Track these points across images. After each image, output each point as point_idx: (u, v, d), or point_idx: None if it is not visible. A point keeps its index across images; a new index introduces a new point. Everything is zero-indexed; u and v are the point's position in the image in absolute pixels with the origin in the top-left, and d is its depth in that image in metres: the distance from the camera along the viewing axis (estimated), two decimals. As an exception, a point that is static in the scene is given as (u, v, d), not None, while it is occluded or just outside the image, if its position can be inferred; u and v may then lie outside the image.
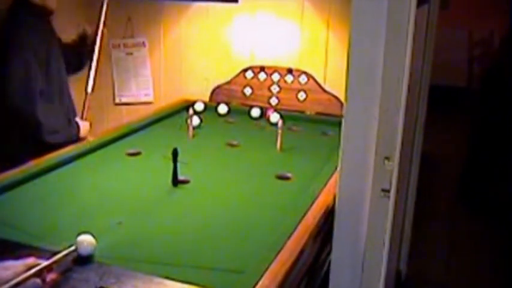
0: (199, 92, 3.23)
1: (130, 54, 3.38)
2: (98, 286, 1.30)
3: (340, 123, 1.70)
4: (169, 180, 1.99)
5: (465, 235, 3.72)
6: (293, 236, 1.59)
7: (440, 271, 3.23)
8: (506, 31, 4.65)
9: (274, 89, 3.11)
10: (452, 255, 3.43)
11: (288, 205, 1.84)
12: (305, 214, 1.75)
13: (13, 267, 1.20)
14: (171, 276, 1.36)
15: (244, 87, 3.17)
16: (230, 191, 2.01)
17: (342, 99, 1.92)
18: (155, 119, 2.85)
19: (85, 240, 1.43)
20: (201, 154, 2.37)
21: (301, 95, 3.05)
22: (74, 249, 1.40)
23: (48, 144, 2.39)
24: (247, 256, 1.50)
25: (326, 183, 2.00)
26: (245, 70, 3.16)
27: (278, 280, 1.36)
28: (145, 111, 3.16)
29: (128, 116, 3.27)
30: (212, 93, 3.24)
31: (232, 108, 3.02)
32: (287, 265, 1.44)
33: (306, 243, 1.60)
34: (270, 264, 1.42)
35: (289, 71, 3.07)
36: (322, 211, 1.79)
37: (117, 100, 3.45)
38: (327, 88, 3.00)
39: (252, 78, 3.15)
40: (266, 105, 3.08)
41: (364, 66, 1.60)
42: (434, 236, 3.65)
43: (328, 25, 2.95)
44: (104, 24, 2.89)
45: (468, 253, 3.46)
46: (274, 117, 2.77)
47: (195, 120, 2.64)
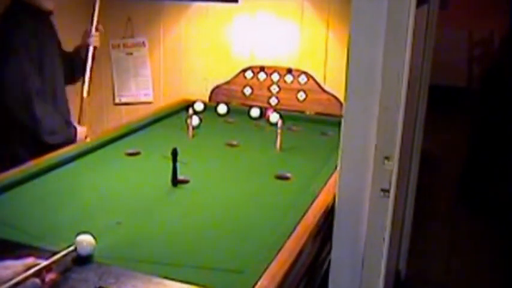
0: (198, 92, 3.23)
1: (130, 54, 3.38)
2: (97, 286, 1.30)
3: (339, 123, 1.70)
4: (168, 180, 1.99)
5: (465, 235, 3.72)
6: (292, 236, 1.59)
7: (440, 271, 3.23)
8: (506, 31, 4.66)
9: (273, 89, 3.11)
10: (452, 255, 3.43)
11: (288, 205, 1.84)
12: (305, 214, 1.74)
13: (13, 266, 1.20)
14: (171, 276, 1.36)
15: (244, 87, 3.17)
16: (230, 191, 2.01)
17: (342, 99, 1.92)
18: (155, 119, 2.85)
19: (84, 240, 1.43)
20: (201, 154, 2.37)
21: (300, 95, 3.05)
22: (73, 249, 1.40)
23: (47, 144, 2.39)
24: (246, 256, 1.50)
25: (326, 183, 2.00)
26: (245, 70, 3.16)
27: (277, 280, 1.36)
28: (145, 111, 3.16)
29: (128, 116, 3.27)
30: (212, 93, 3.24)
31: (231, 108, 3.02)
32: (286, 265, 1.44)
33: (306, 243, 1.60)
34: (270, 264, 1.42)
35: (288, 71, 3.07)
36: (321, 211, 1.79)
37: (116, 100, 3.45)
38: (327, 88, 3.00)
39: (252, 78, 3.15)
40: (266, 105, 3.08)
41: (363, 66, 1.60)
42: (434, 236, 3.65)
43: (328, 25, 2.95)
44: (97, 29, 2.78)
45: (468, 253, 3.46)
46: (273, 117, 2.77)
47: (195, 120, 2.64)
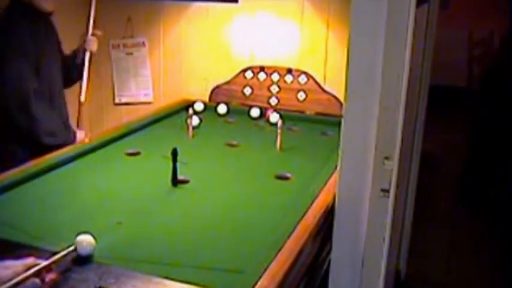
0: (198, 92, 3.23)
1: (130, 54, 3.38)
2: (97, 286, 1.30)
3: (339, 123, 1.70)
4: (168, 180, 1.99)
5: (465, 235, 3.71)
6: (293, 236, 1.59)
7: (440, 271, 3.23)
8: (506, 31, 4.65)
9: (273, 89, 3.11)
10: (452, 255, 3.43)
11: (288, 205, 1.84)
12: (305, 214, 1.74)
13: (13, 266, 1.20)
14: (171, 276, 1.36)
15: (243, 87, 3.17)
16: (229, 191, 2.01)
17: (342, 99, 1.92)
18: (155, 119, 2.85)
19: (84, 240, 1.43)
20: (201, 154, 2.37)
21: (300, 95, 3.05)
22: (73, 249, 1.40)
23: (45, 146, 2.38)
24: (246, 256, 1.50)
25: (326, 183, 2.00)
26: (245, 70, 3.16)
27: (277, 280, 1.36)
28: (144, 111, 3.16)
29: (128, 116, 3.27)
30: (212, 93, 3.24)
31: (231, 108, 3.02)
32: (286, 265, 1.44)
33: (306, 243, 1.60)
34: (270, 264, 1.42)
35: (288, 71, 3.07)
36: (321, 211, 1.79)
37: (116, 100, 3.45)
38: (327, 88, 3.00)
39: (252, 78, 3.15)
40: (266, 105, 3.08)
41: (363, 66, 1.60)
42: (434, 236, 3.65)
43: (327, 25, 2.95)
44: (94, 34, 2.79)
45: (468, 253, 3.46)
46: (273, 117, 2.77)
47: (195, 120, 2.64)
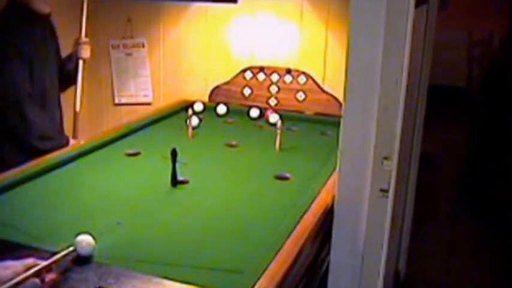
0: (198, 93, 3.23)
1: (129, 54, 3.38)
2: (97, 286, 1.30)
3: (339, 123, 1.70)
4: (168, 180, 1.99)
5: (465, 235, 3.72)
6: (292, 236, 1.59)
7: (440, 271, 3.23)
8: (506, 31, 4.66)
9: (273, 90, 3.11)
10: (452, 255, 3.43)
11: (287, 205, 1.84)
12: (304, 214, 1.75)
13: (12, 267, 1.21)
14: (170, 276, 1.36)
15: (243, 87, 3.17)
16: (229, 191, 2.01)
17: (341, 99, 1.92)
18: (154, 119, 2.85)
19: (84, 240, 1.43)
20: (200, 154, 2.38)
21: (300, 95, 3.05)
22: (73, 249, 1.40)
23: (37, 149, 2.35)
24: (246, 256, 1.50)
25: (325, 183, 2.00)
26: (244, 70, 3.16)
27: (276, 280, 1.36)
28: (144, 111, 3.16)
29: (127, 116, 3.27)
30: (211, 93, 3.24)
31: (231, 108, 3.01)
32: (286, 265, 1.44)
33: (305, 243, 1.60)
34: (269, 264, 1.42)
35: (288, 72, 3.07)
36: (321, 211, 1.79)
37: (116, 101, 3.45)
38: (326, 88, 3.00)
39: (251, 78, 3.15)
40: (265, 105, 3.08)
41: (362, 66, 1.60)
42: (434, 236, 3.65)
43: (327, 25, 2.96)
44: (85, 42, 2.78)
45: (468, 253, 3.46)
46: (273, 117, 2.76)
47: (194, 120, 2.64)
